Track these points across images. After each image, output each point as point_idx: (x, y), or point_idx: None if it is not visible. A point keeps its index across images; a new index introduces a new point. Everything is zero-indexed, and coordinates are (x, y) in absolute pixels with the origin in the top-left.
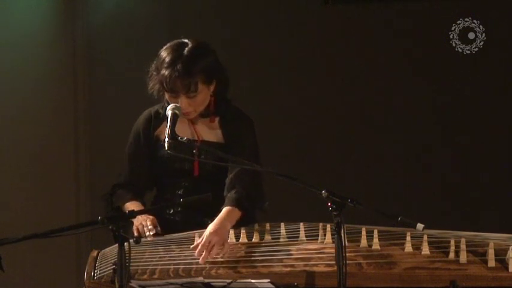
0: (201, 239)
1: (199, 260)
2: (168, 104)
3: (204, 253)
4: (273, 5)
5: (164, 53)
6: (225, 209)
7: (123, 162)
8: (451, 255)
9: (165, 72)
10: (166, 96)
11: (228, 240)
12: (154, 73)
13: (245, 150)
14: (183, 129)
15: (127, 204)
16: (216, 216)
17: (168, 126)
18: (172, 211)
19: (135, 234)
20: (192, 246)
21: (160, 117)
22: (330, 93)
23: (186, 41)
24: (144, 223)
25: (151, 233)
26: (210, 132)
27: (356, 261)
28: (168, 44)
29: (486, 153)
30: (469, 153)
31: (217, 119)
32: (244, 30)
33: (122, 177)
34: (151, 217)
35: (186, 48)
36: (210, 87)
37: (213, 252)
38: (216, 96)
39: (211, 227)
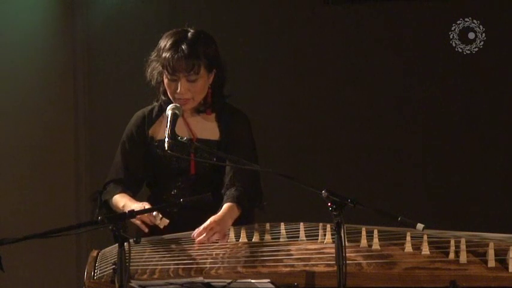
0: (203, 225)
1: (196, 240)
2: (164, 97)
3: (203, 235)
4: (273, 4)
5: (165, 40)
6: (226, 205)
7: (115, 161)
8: (451, 255)
9: (167, 54)
10: (166, 82)
11: (228, 240)
12: (155, 59)
13: (242, 147)
14: (178, 128)
15: (116, 196)
16: (214, 214)
17: (168, 126)
18: (168, 211)
19: (143, 227)
20: (192, 234)
21: (154, 117)
22: (330, 93)
23: (187, 28)
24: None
25: (160, 217)
26: (205, 130)
27: (356, 261)
28: (168, 32)
29: (486, 153)
30: (470, 153)
31: (212, 116)
32: (245, 30)
33: (114, 175)
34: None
35: (189, 33)
36: (210, 76)
37: (213, 238)
38: (213, 90)
39: (213, 217)
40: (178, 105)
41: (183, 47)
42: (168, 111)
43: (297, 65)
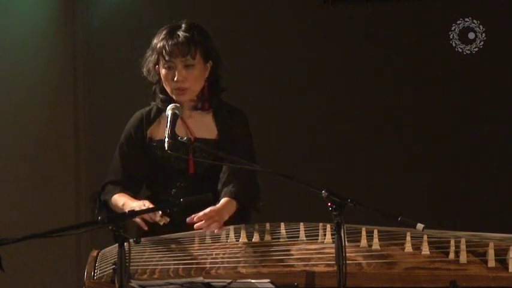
0: (202, 211)
1: (195, 226)
2: (162, 95)
3: (203, 221)
4: (272, 4)
5: (158, 34)
6: (223, 199)
7: (114, 163)
8: (451, 255)
9: (162, 43)
10: (163, 73)
11: (228, 240)
12: (149, 53)
13: (239, 145)
14: (176, 128)
15: (115, 196)
16: None
17: (168, 126)
18: (168, 211)
19: (143, 224)
20: (188, 219)
21: (152, 118)
22: (329, 93)
23: (179, 22)
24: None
25: (160, 214)
26: (203, 129)
27: (356, 261)
28: (160, 29)
29: (486, 153)
30: (469, 153)
31: (210, 115)
32: (244, 30)
33: (113, 177)
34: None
35: (183, 24)
36: (206, 67)
37: (212, 227)
38: (209, 83)
39: (212, 207)
40: (178, 105)
41: (179, 33)
42: (168, 111)
43: (297, 65)
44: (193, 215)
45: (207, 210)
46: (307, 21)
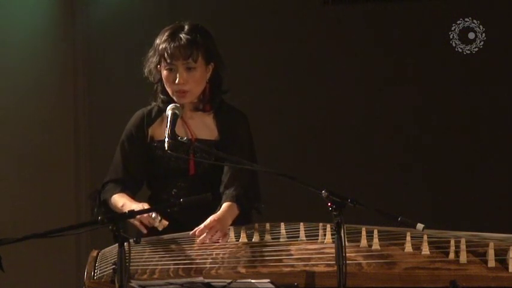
0: (204, 223)
1: (198, 240)
2: (163, 96)
3: (205, 234)
4: (272, 5)
5: (161, 35)
6: (225, 204)
7: (115, 161)
8: (451, 255)
9: (164, 44)
10: (164, 75)
11: (228, 240)
12: (152, 55)
13: (240, 146)
14: (177, 128)
15: (115, 196)
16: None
17: (168, 126)
18: (169, 211)
19: (142, 228)
20: (191, 232)
21: (153, 117)
22: (329, 92)
23: (182, 23)
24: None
25: (159, 219)
26: (204, 130)
27: (356, 261)
28: (163, 29)
29: (486, 153)
30: (469, 153)
31: (211, 116)
32: (245, 30)
33: (114, 175)
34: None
35: (186, 25)
36: (208, 68)
37: (215, 237)
38: (211, 85)
39: (213, 216)
40: (178, 105)
41: (181, 36)
42: (168, 111)
43: (297, 65)
44: (195, 229)
45: (208, 221)
46: (307, 21)
